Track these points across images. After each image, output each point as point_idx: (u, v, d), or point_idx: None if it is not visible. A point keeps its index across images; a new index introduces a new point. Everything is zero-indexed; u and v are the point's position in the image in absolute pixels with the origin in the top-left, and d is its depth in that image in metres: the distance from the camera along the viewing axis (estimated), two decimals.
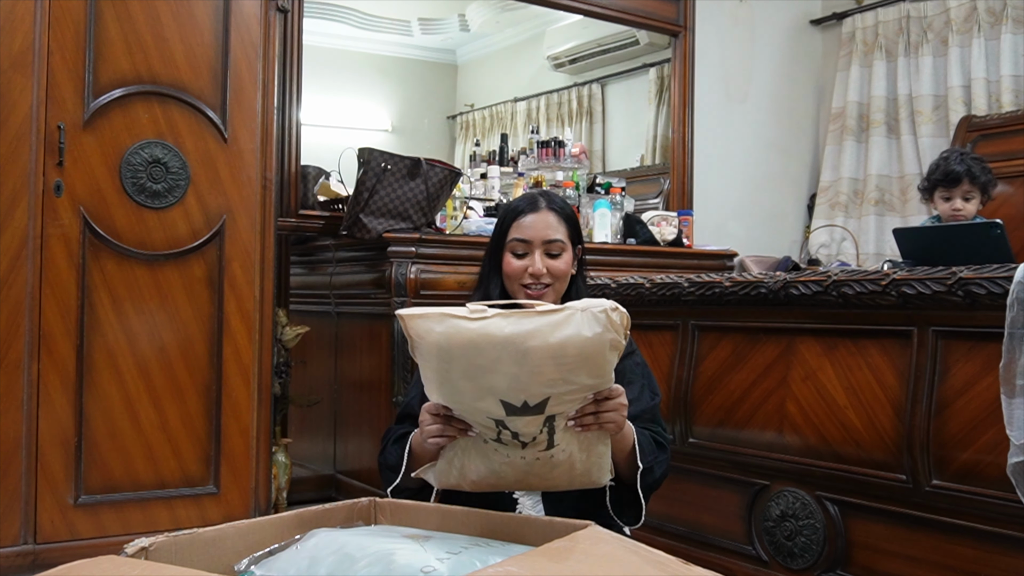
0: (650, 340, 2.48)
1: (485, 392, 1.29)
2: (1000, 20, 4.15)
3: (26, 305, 2.23)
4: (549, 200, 1.70)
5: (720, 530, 2.27)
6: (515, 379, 1.27)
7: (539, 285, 1.66)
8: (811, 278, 2.04)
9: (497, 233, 1.69)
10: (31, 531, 2.23)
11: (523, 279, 1.65)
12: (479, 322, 1.27)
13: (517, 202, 1.71)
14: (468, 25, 5.32)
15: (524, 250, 1.66)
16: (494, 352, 1.26)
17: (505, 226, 1.67)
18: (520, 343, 1.25)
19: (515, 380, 1.27)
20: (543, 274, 1.65)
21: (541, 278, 1.65)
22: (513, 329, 1.26)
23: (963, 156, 2.85)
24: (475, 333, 1.26)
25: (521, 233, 1.66)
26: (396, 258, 2.95)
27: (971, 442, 1.74)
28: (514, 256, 1.66)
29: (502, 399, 1.29)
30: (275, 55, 2.60)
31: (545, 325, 1.26)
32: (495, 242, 1.70)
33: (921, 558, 1.84)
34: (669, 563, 1.02)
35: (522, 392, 1.28)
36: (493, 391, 1.28)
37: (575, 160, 4.07)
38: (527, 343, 1.25)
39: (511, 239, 1.66)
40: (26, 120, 2.24)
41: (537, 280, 1.65)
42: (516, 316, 1.27)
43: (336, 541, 1.09)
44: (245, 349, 2.49)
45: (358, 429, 3.18)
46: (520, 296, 1.66)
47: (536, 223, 1.66)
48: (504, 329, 1.26)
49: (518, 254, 1.66)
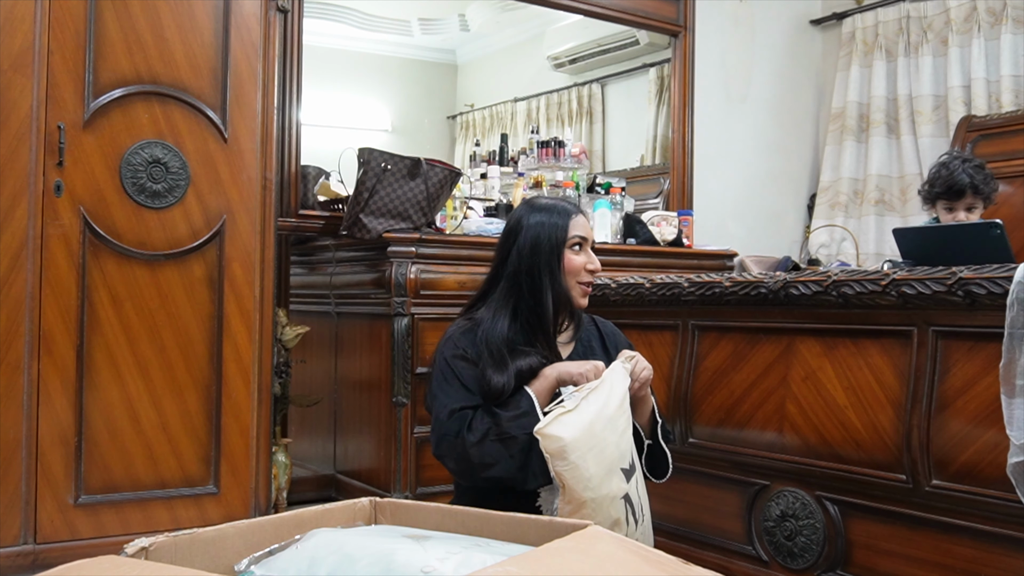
0: (650, 340, 2.48)
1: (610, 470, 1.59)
2: (1000, 20, 4.15)
3: (26, 305, 2.23)
4: (575, 205, 1.87)
5: (720, 530, 2.27)
6: (616, 446, 1.60)
7: (591, 283, 1.83)
8: (811, 278, 2.04)
9: (556, 235, 1.78)
10: (31, 531, 2.23)
11: (581, 276, 1.80)
12: (574, 413, 1.57)
13: (555, 208, 1.82)
14: (468, 25, 5.32)
15: (582, 247, 1.81)
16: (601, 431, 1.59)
17: (561, 229, 1.78)
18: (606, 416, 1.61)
19: (616, 447, 1.60)
20: (599, 269, 1.83)
21: (595, 273, 1.82)
22: (598, 407, 1.60)
23: (965, 165, 2.79)
24: (585, 422, 1.58)
25: (581, 231, 1.80)
26: (396, 258, 2.95)
27: (971, 442, 1.74)
28: (574, 254, 1.79)
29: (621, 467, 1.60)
30: (275, 55, 2.60)
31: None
32: (553, 243, 1.78)
33: (921, 558, 1.84)
34: (669, 563, 1.02)
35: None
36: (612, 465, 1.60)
37: (575, 160, 4.07)
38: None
39: (573, 236, 1.79)
40: (26, 120, 2.24)
41: (593, 275, 1.82)
42: (593, 394, 1.61)
43: (336, 541, 1.09)
44: (245, 349, 2.49)
45: (358, 429, 3.18)
46: (576, 294, 1.81)
47: (585, 224, 1.83)
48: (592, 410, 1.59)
49: (576, 252, 1.80)
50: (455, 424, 1.66)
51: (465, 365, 1.72)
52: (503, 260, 1.81)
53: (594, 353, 1.88)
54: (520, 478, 1.62)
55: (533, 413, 1.63)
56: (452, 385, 1.71)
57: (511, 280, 1.78)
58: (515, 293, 1.77)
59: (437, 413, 1.71)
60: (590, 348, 1.89)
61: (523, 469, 1.61)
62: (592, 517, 1.54)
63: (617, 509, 1.59)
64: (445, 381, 1.72)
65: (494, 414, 1.65)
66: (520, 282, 1.77)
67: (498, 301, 1.78)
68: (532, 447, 1.59)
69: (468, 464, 1.64)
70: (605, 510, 1.57)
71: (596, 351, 1.89)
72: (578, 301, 1.82)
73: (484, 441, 1.62)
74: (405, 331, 2.91)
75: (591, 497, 1.55)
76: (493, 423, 1.63)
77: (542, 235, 1.77)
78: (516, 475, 1.62)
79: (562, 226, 1.78)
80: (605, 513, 1.57)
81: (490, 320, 1.76)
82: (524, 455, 1.61)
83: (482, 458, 1.63)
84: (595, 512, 1.56)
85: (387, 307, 2.95)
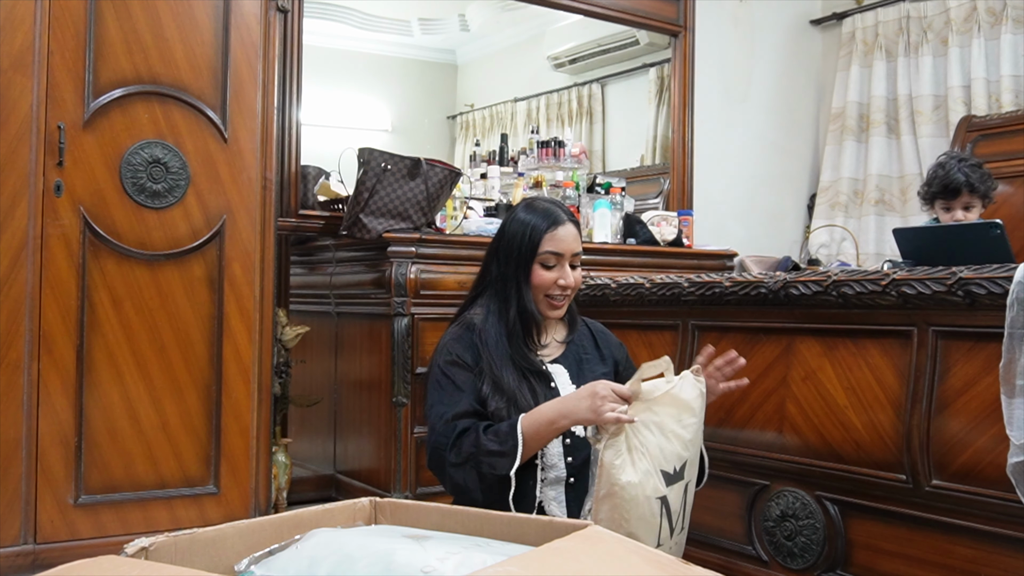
0: (650, 340, 2.48)
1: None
2: (1000, 20, 4.15)
3: (26, 305, 2.23)
4: (568, 214, 1.80)
5: (720, 530, 2.27)
6: (659, 447, 1.60)
7: (564, 296, 1.77)
8: (811, 278, 2.04)
9: (525, 247, 1.74)
10: (31, 531, 2.23)
11: (551, 290, 1.75)
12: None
13: (537, 217, 1.77)
14: (468, 25, 5.32)
15: (555, 263, 1.74)
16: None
17: (534, 240, 1.73)
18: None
19: (659, 448, 1.60)
20: (572, 286, 1.76)
21: (567, 289, 1.76)
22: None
23: (961, 164, 2.80)
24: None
25: (555, 246, 1.74)
26: (396, 258, 2.95)
27: (971, 442, 1.74)
28: (544, 268, 1.73)
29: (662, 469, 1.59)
30: (275, 55, 2.60)
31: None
32: (523, 255, 1.74)
33: (921, 558, 1.84)
34: (669, 563, 1.02)
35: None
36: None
37: (575, 160, 4.07)
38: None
39: (544, 251, 1.73)
40: (26, 120, 2.24)
41: (564, 291, 1.76)
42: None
43: (336, 541, 1.09)
44: (245, 349, 2.49)
45: (358, 429, 3.18)
46: (543, 307, 1.77)
47: (566, 237, 1.75)
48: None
49: (549, 266, 1.74)
50: (444, 437, 1.66)
51: (458, 370, 1.72)
52: (488, 263, 1.82)
53: (587, 353, 1.88)
54: (489, 502, 1.60)
55: (513, 456, 1.58)
56: (446, 391, 1.71)
57: (494, 284, 1.79)
58: (497, 298, 1.78)
59: (432, 423, 1.71)
60: (583, 348, 1.89)
61: (492, 501, 1.60)
62: (624, 508, 1.53)
63: (652, 509, 1.56)
64: (440, 388, 1.72)
65: (479, 441, 1.62)
66: (497, 288, 1.78)
67: (487, 305, 1.79)
68: (505, 485, 1.59)
69: (449, 482, 1.66)
70: (640, 506, 1.55)
71: (589, 351, 1.89)
72: (544, 313, 1.79)
73: (464, 465, 1.62)
74: (405, 331, 2.91)
75: (628, 481, 1.54)
76: (476, 450, 1.62)
77: (516, 245, 1.75)
78: (487, 501, 1.60)
79: (536, 239, 1.74)
80: (640, 509, 1.55)
81: (482, 322, 1.76)
82: (496, 490, 1.61)
83: (458, 480, 1.63)
84: (627, 504, 1.54)
85: (387, 307, 2.95)
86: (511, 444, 1.59)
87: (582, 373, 1.83)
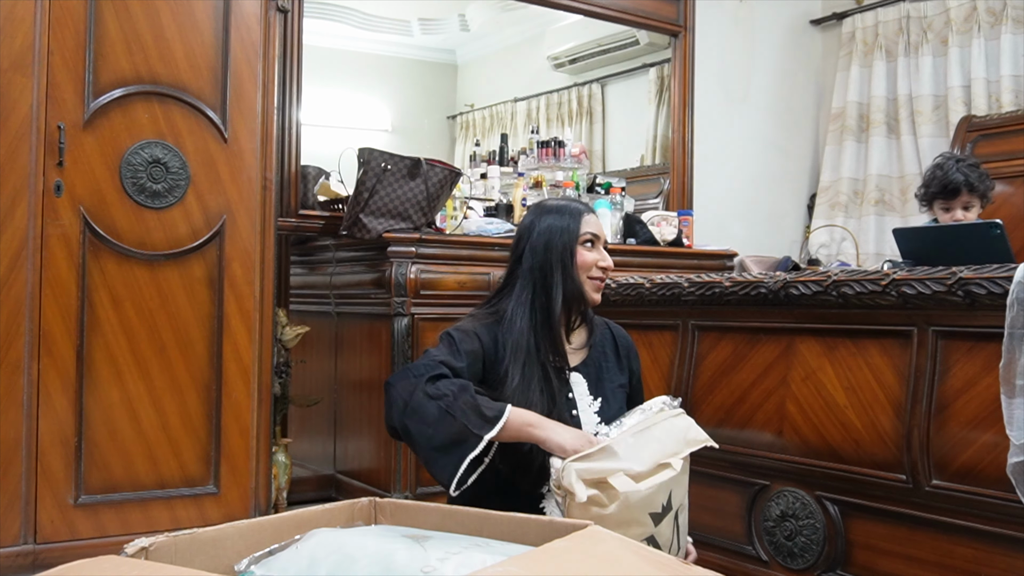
0: (650, 340, 2.48)
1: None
2: (1000, 20, 4.15)
3: (26, 305, 2.23)
4: (586, 204, 1.87)
5: (720, 530, 2.27)
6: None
7: (603, 279, 1.82)
8: (811, 278, 2.04)
9: (569, 230, 1.78)
10: (31, 531, 2.23)
11: (592, 272, 1.79)
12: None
13: (569, 204, 1.83)
14: (468, 25, 5.32)
15: (595, 244, 1.81)
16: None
17: (575, 226, 1.78)
18: None
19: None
20: (611, 267, 1.82)
21: (607, 272, 1.82)
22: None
23: (959, 164, 2.81)
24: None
25: (593, 228, 1.80)
26: (396, 258, 2.95)
27: (971, 442, 1.74)
28: (587, 250, 1.78)
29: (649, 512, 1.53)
30: (275, 55, 2.60)
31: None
32: (567, 237, 1.77)
33: (921, 558, 1.84)
34: (669, 563, 1.02)
35: None
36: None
37: (575, 160, 4.07)
38: None
39: (585, 233, 1.78)
40: (26, 120, 2.24)
41: (605, 272, 1.81)
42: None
43: (336, 541, 1.08)
44: (245, 349, 2.49)
45: (358, 429, 3.18)
46: (588, 288, 1.79)
47: (596, 222, 1.83)
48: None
49: (589, 248, 1.79)
50: (426, 368, 1.59)
51: (468, 339, 1.69)
52: (517, 259, 1.80)
53: (607, 360, 1.86)
54: (423, 450, 1.55)
55: (492, 424, 1.52)
56: (446, 345, 1.68)
57: (526, 277, 1.77)
58: (530, 289, 1.76)
59: (419, 360, 1.67)
60: (603, 355, 1.86)
61: (432, 447, 1.54)
62: None
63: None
64: (441, 343, 1.69)
65: (465, 391, 1.56)
66: (534, 279, 1.76)
67: (516, 297, 1.76)
68: (455, 442, 1.52)
69: (400, 401, 1.57)
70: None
71: (609, 358, 1.86)
72: (591, 296, 1.80)
73: (433, 399, 1.54)
74: (405, 331, 2.91)
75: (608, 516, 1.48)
76: (454, 396, 1.54)
77: (554, 233, 1.77)
78: (422, 446, 1.55)
79: (574, 224, 1.78)
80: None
81: (510, 316, 1.74)
82: (444, 437, 1.53)
83: (416, 407, 1.55)
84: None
85: (387, 307, 2.95)
86: (495, 413, 1.53)
87: (601, 384, 1.81)
